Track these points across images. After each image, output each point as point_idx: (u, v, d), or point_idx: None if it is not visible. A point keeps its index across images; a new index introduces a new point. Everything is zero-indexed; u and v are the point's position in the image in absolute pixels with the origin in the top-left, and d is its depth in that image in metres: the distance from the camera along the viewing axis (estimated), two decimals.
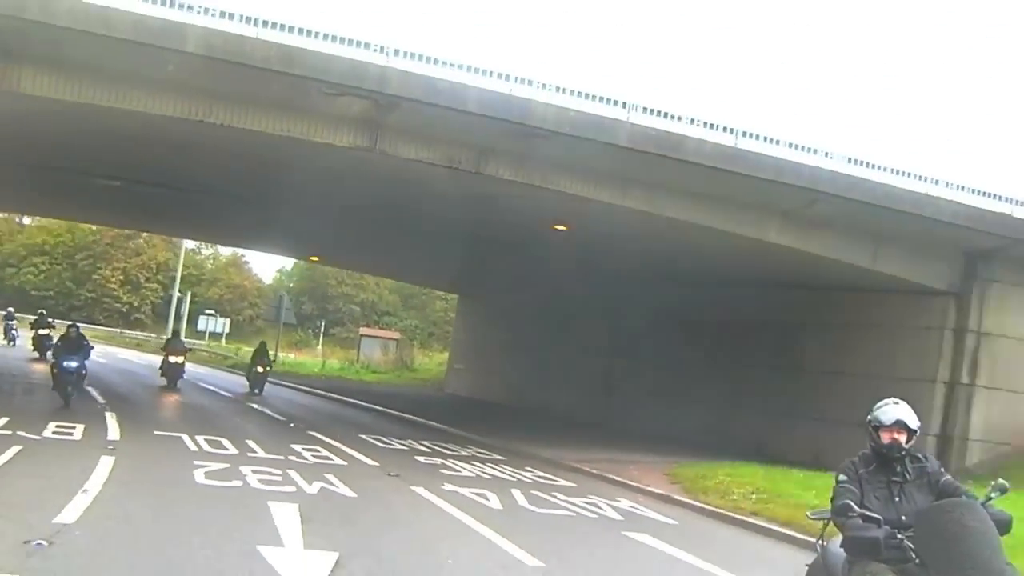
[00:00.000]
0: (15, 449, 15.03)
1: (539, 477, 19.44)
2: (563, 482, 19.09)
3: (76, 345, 25.30)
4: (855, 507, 6.45)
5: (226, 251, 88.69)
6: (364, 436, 24.31)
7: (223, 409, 29.76)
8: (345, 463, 18.59)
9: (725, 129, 22.57)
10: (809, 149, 23.33)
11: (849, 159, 23.82)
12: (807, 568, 7.18)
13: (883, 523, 6.39)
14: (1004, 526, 6.29)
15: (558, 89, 20.97)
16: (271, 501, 12.84)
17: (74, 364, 24.03)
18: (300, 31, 18.85)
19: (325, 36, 19.06)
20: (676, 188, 23.26)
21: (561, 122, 20.67)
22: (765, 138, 22.91)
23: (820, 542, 7.32)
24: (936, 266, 26.13)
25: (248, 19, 18.51)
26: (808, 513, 7.67)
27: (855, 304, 27.89)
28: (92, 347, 27.37)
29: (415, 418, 31.20)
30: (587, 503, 16.43)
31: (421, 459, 20.73)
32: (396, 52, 19.76)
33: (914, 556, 6.14)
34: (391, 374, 57.67)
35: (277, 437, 21.84)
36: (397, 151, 21.44)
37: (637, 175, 22.77)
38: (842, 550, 6.74)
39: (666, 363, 33.50)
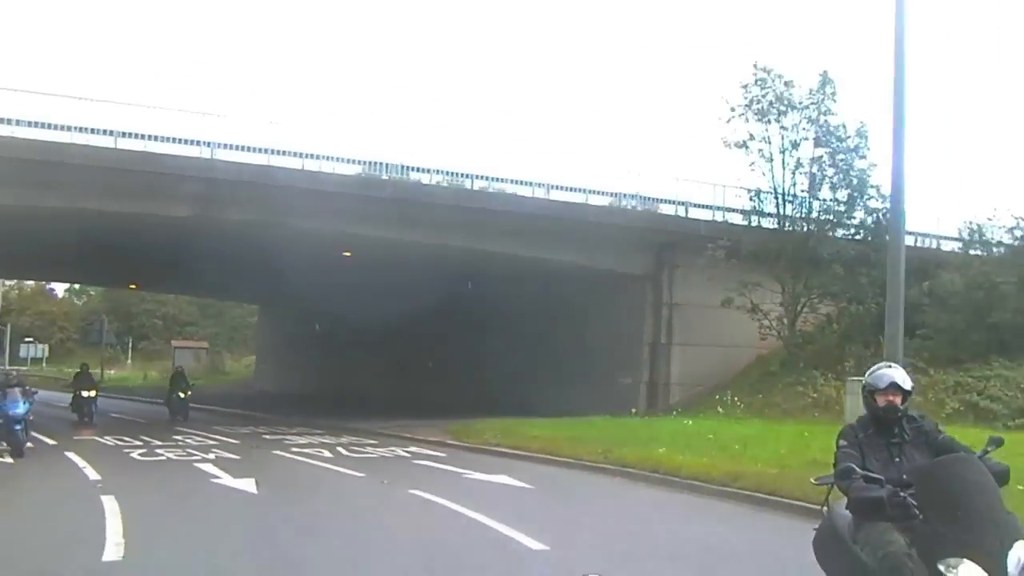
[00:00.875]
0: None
1: (353, 440, 27.03)
2: (371, 441, 26.86)
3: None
4: (857, 469, 6.61)
5: (30, 282, 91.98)
6: (219, 427, 31.23)
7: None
8: (224, 441, 26.28)
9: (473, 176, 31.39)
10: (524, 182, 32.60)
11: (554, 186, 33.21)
12: (815, 532, 7.24)
13: (885, 483, 6.55)
14: (1002, 477, 6.53)
15: None
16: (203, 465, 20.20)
17: (21, 410, 22.52)
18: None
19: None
20: (418, 220, 31.63)
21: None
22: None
23: (825, 506, 7.34)
24: (635, 258, 35.23)
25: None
26: (812, 479, 7.77)
27: (586, 290, 36.38)
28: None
29: (250, 412, 38.38)
30: (387, 450, 24.48)
31: (268, 437, 28.07)
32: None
33: (917, 513, 6.34)
34: (205, 378, 63.66)
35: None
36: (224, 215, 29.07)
37: (390, 215, 31.03)
38: (848, 512, 6.91)
39: (447, 351, 41.83)
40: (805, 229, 32.70)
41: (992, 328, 29.00)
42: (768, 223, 33.48)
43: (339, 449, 24.38)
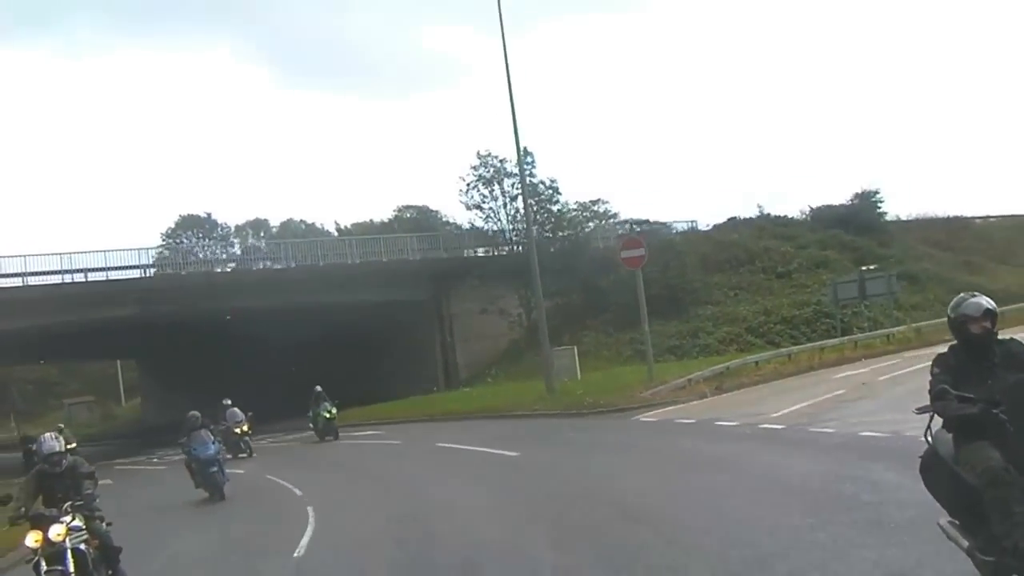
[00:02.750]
0: None
1: (287, 436, 41.46)
2: (295, 436, 41.96)
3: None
4: (951, 391, 6.68)
5: None
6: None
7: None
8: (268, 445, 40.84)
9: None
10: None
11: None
12: (920, 460, 7.20)
13: (978, 402, 6.59)
14: None
15: None
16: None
17: (212, 451, 23.10)
18: None
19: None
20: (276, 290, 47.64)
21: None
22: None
23: (928, 434, 7.21)
24: (422, 288, 51.87)
25: None
26: (914, 409, 7.30)
27: (393, 313, 52.45)
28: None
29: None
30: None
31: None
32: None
33: (1010, 428, 6.44)
34: (101, 424, 77.13)
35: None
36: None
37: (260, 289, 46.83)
38: (948, 436, 6.94)
39: (304, 370, 57.37)
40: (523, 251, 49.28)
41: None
42: (503, 252, 50.31)
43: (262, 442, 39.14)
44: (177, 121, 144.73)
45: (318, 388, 37.06)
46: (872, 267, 44.55)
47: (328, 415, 35.63)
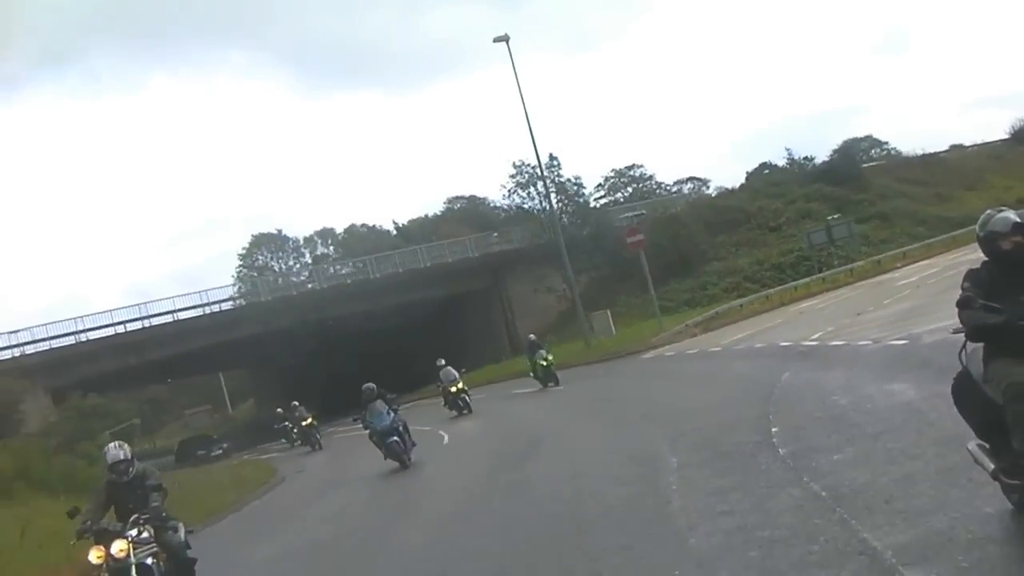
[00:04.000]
0: None
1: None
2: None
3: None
4: (977, 300, 6.59)
5: None
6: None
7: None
8: None
9: None
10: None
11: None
12: (953, 381, 7.12)
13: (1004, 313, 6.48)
14: None
15: None
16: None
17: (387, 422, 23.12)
18: None
19: None
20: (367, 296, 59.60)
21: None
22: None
23: (962, 355, 7.07)
24: (483, 278, 63.62)
25: None
26: (950, 330, 7.29)
27: (466, 301, 64.53)
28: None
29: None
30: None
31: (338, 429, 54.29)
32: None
33: None
34: (222, 428, 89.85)
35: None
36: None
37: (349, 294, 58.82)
38: (981, 359, 6.86)
39: (405, 353, 69.33)
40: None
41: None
42: (541, 241, 61.89)
43: None
44: (211, 142, 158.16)
45: (532, 336, 38.93)
46: (836, 216, 55.05)
47: (545, 363, 35.39)
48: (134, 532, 10.93)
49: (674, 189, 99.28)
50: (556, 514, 12.14)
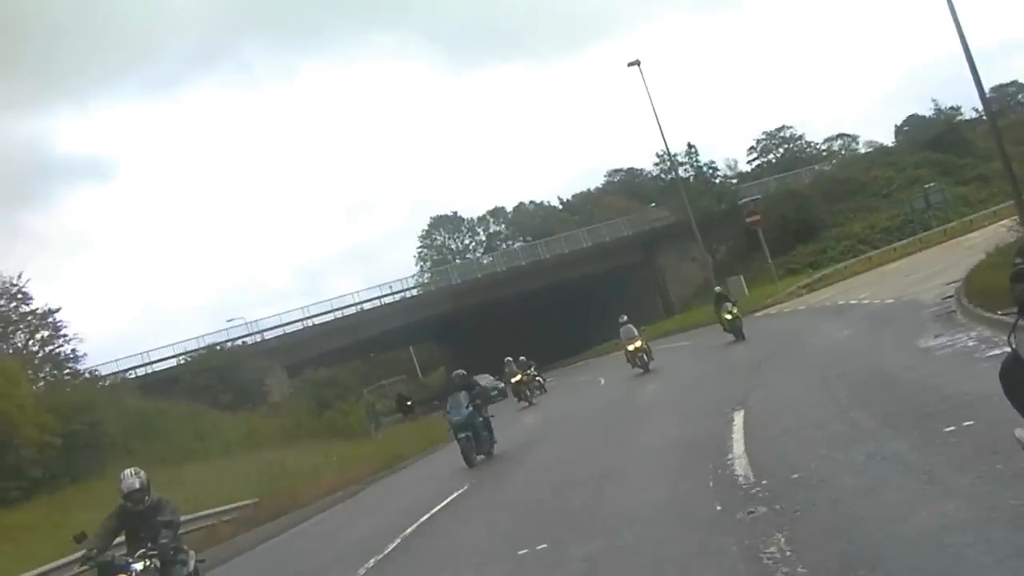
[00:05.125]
0: None
1: (584, 367, 65.07)
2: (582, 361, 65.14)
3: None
4: None
5: None
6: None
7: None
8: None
9: None
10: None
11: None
12: (1001, 364, 6.70)
13: None
14: None
15: None
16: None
17: (461, 416, 22.36)
18: None
19: None
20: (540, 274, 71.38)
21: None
22: None
23: (1012, 338, 6.56)
24: (637, 253, 75.12)
25: None
26: (999, 312, 7.20)
27: (624, 273, 75.94)
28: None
29: None
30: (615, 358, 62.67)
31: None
32: None
33: None
34: (419, 394, 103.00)
35: None
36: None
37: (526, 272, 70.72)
38: None
39: (566, 324, 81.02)
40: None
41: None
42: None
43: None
44: (363, 124, 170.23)
45: (717, 289, 39.28)
46: (931, 185, 63.64)
47: (730, 316, 34.97)
48: (139, 566, 10.60)
49: (823, 147, 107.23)
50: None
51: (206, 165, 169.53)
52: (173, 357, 68.25)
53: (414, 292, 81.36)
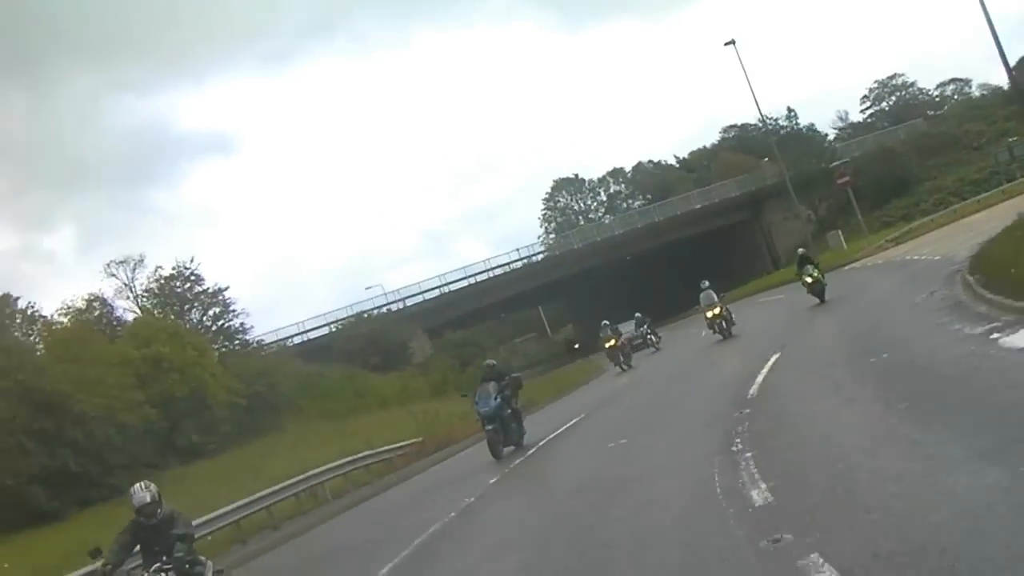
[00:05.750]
0: None
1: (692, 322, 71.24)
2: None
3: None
4: None
5: None
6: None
7: None
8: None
9: None
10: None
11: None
12: None
13: None
14: None
15: None
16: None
17: (489, 408, 22.09)
18: None
19: None
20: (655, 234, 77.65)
21: None
22: None
23: None
24: (745, 211, 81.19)
25: None
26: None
27: (739, 231, 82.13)
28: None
29: None
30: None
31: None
32: None
33: None
34: (549, 350, 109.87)
35: None
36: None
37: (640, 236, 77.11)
38: None
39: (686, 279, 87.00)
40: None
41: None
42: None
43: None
44: (478, 88, 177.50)
45: (801, 250, 38.40)
46: (1014, 139, 67.46)
47: (811, 278, 34.75)
48: None
49: (935, 93, 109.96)
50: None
51: (326, 135, 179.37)
52: (325, 325, 76.94)
53: (539, 257, 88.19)
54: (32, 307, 50.34)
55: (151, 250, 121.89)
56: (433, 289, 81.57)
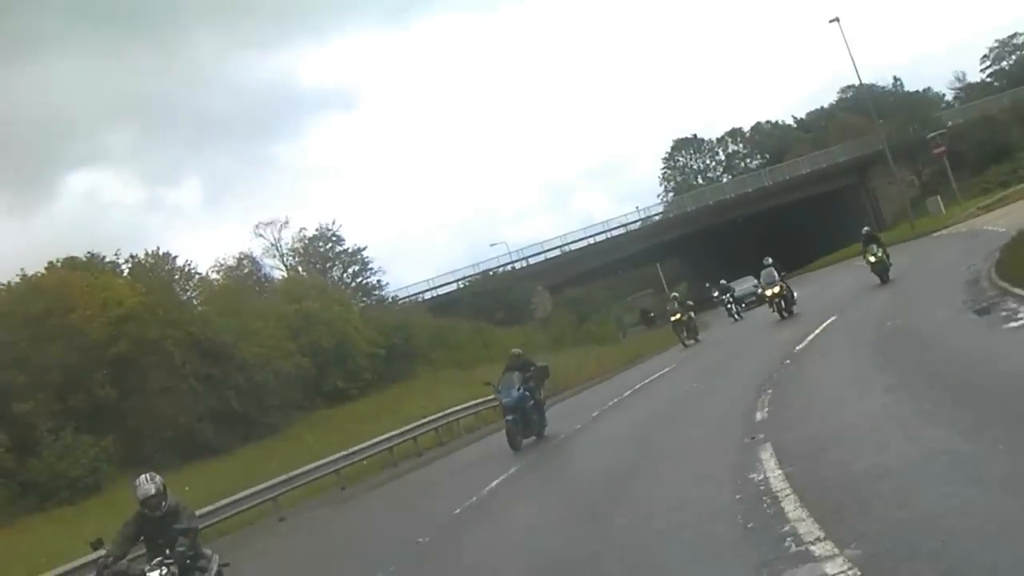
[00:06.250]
0: None
1: None
2: None
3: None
4: None
5: None
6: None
7: None
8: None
9: None
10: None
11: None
12: None
13: None
14: None
15: None
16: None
17: (511, 399, 22.09)
18: None
19: None
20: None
21: None
22: None
23: None
24: (850, 176, 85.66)
25: None
26: None
27: (841, 195, 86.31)
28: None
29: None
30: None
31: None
32: None
33: None
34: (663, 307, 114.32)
35: None
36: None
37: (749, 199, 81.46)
38: None
39: (794, 242, 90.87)
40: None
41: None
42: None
43: None
44: (606, 47, 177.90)
45: (866, 229, 38.52)
46: None
47: (874, 258, 34.86)
48: (155, 575, 10.45)
49: None
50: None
51: (445, 89, 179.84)
52: (454, 282, 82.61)
53: (656, 217, 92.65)
54: (189, 264, 53.89)
55: (274, 204, 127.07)
56: (554, 249, 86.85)
